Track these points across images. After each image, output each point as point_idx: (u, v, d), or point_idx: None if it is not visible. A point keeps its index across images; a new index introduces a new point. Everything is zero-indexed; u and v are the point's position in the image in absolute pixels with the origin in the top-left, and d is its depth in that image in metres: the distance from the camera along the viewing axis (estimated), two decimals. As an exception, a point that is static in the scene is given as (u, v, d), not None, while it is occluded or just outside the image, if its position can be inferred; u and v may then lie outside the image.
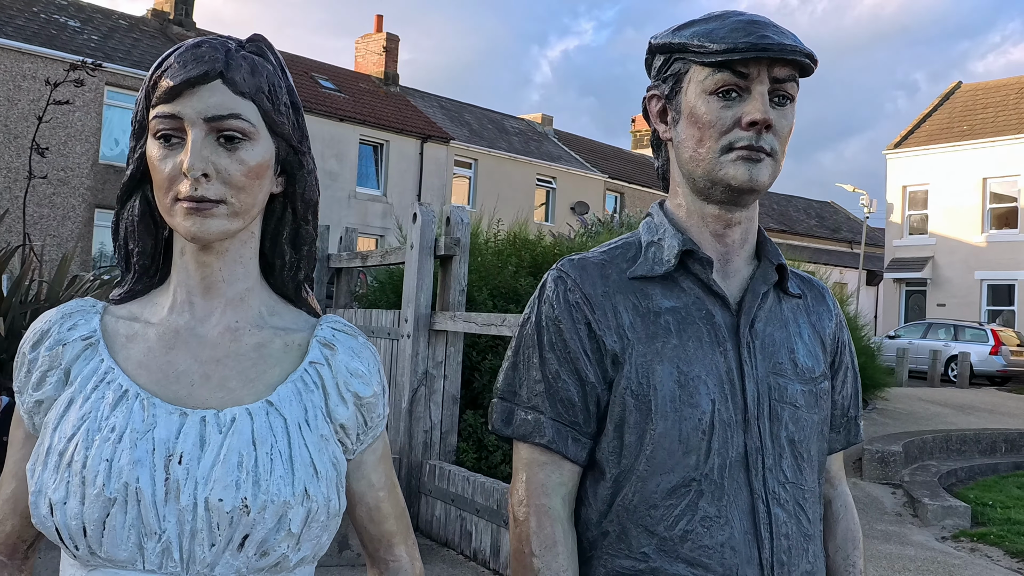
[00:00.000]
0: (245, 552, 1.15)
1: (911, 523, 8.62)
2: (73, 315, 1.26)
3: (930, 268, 31.36)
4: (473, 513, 6.53)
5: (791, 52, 1.38)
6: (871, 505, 9.17)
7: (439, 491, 6.94)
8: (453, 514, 6.77)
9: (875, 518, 8.68)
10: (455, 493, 6.76)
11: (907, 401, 16.46)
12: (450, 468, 6.96)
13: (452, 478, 6.85)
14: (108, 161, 22.87)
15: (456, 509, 6.74)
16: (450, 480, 6.86)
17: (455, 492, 6.77)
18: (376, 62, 33.11)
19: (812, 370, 1.50)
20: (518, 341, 1.49)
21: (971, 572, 6.96)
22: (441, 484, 6.94)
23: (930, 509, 8.63)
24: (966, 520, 8.57)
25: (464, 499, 6.64)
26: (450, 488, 6.84)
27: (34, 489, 1.17)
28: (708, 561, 1.36)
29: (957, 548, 7.86)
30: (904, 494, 9.49)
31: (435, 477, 7.03)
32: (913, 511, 8.95)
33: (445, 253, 7.33)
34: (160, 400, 1.19)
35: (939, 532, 8.35)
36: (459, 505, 6.70)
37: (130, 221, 1.30)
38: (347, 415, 1.28)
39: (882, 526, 8.38)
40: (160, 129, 1.20)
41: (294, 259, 1.34)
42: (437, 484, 6.98)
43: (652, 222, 1.53)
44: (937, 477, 10.11)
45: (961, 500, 9.22)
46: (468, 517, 6.59)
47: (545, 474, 1.43)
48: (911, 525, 8.54)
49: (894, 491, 9.70)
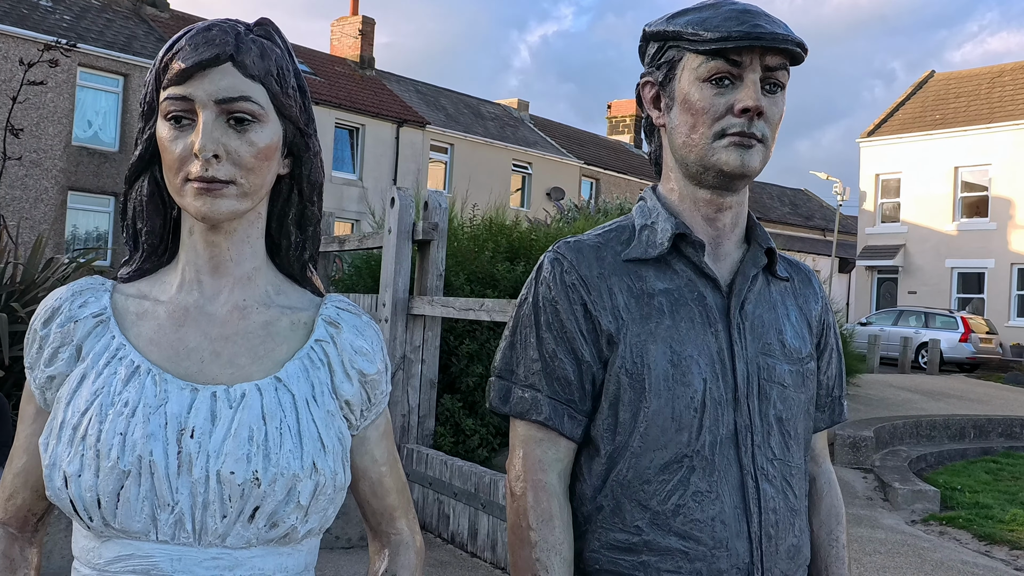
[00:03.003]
0: (255, 523, 1.19)
1: (882, 507, 8.75)
2: (83, 292, 1.29)
3: (902, 256, 31.66)
4: (451, 496, 6.57)
5: (783, 41, 1.42)
6: (843, 489, 9.29)
7: (417, 475, 6.97)
8: (431, 497, 6.81)
9: (846, 502, 8.78)
10: (432, 477, 6.80)
11: (878, 387, 16.64)
12: (428, 452, 6.99)
13: (430, 462, 6.88)
14: (81, 143, 22.67)
15: (434, 492, 6.77)
16: (428, 464, 6.90)
17: (432, 476, 6.80)
18: (352, 45, 32.94)
19: (799, 351, 1.55)
20: (515, 321, 1.52)
21: (940, 555, 7.08)
22: (419, 468, 6.98)
23: (900, 493, 8.75)
24: (935, 504, 8.70)
25: (441, 483, 6.68)
26: (428, 472, 6.87)
27: (48, 462, 1.19)
28: (699, 534, 1.41)
29: (926, 531, 7.98)
30: (875, 478, 9.63)
31: (412, 461, 7.07)
32: (884, 495, 9.08)
33: (423, 238, 7.34)
34: (171, 376, 1.22)
35: (909, 516, 8.48)
36: (436, 489, 6.73)
37: (138, 201, 1.32)
38: (352, 392, 1.31)
39: (853, 510, 8.50)
40: (171, 110, 1.22)
41: (299, 239, 1.37)
42: (415, 468, 7.02)
43: (645, 206, 1.57)
44: (907, 462, 10.25)
45: (930, 484, 9.37)
46: (446, 500, 6.64)
47: (542, 450, 1.47)
48: (882, 509, 8.67)
49: (865, 476, 9.83)
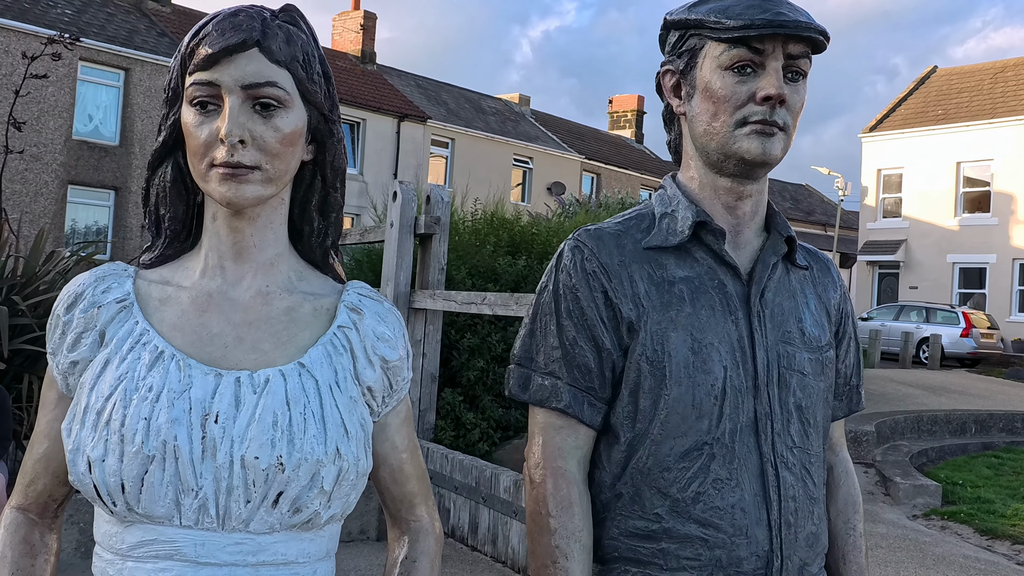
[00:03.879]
0: (279, 509, 1.18)
1: (883, 501, 8.74)
2: (106, 278, 1.28)
3: (903, 251, 31.64)
4: (451, 490, 6.57)
5: (806, 29, 1.41)
6: (844, 484, 9.30)
7: (418, 468, 6.98)
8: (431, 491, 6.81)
9: (848, 497, 8.80)
10: (433, 470, 6.80)
11: (879, 382, 16.63)
12: (428, 446, 6.99)
13: (430, 456, 6.88)
14: (82, 137, 22.66)
15: (434, 486, 6.77)
16: (428, 457, 6.90)
17: (433, 469, 6.80)
18: (353, 40, 32.91)
19: (818, 339, 1.54)
20: (535, 309, 1.52)
21: (941, 549, 7.08)
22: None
23: (901, 488, 8.76)
24: (937, 499, 8.71)
25: (442, 476, 6.68)
26: (428, 466, 6.87)
27: (72, 447, 1.19)
28: (719, 522, 1.41)
29: (928, 526, 7.98)
30: (876, 473, 9.63)
31: (414, 455, 7.06)
32: (885, 490, 9.08)
33: (425, 232, 7.33)
34: (195, 361, 1.22)
35: (910, 510, 8.48)
36: (437, 482, 6.74)
37: (161, 187, 1.32)
38: (374, 378, 1.31)
39: (854, 504, 8.50)
40: (197, 96, 1.22)
41: (322, 226, 1.36)
42: (416, 461, 7.02)
43: (665, 194, 1.56)
44: (908, 457, 10.26)
45: (932, 479, 9.37)
46: (446, 494, 6.63)
47: (561, 438, 1.47)
48: (883, 503, 8.66)
49: (866, 470, 9.83)
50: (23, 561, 1.28)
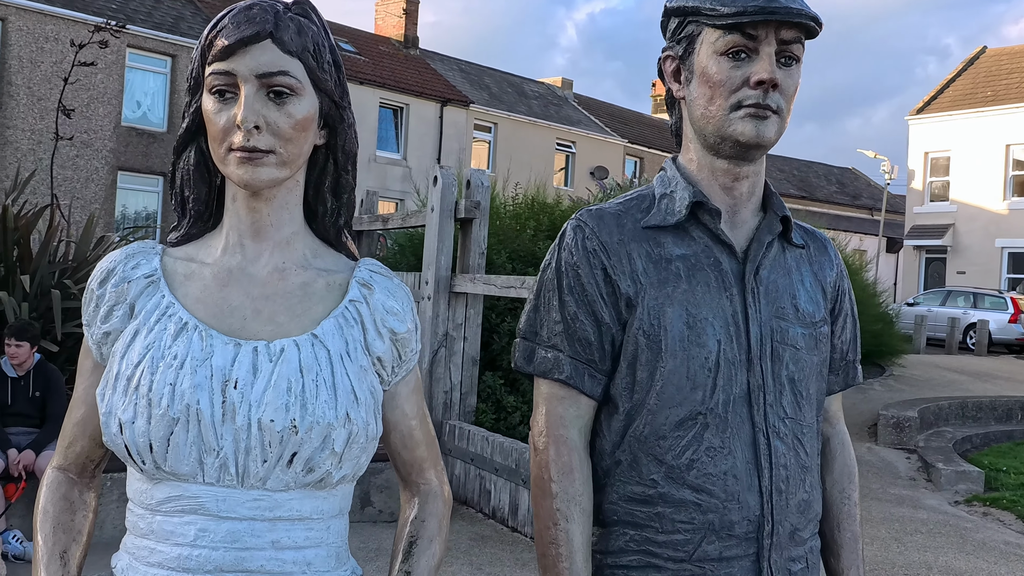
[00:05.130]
0: (294, 468, 1.29)
1: (924, 487, 8.70)
2: (136, 255, 1.40)
3: (951, 235, 31.20)
4: (492, 472, 6.65)
5: (797, 15, 1.47)
6: (885, 470, 9.26)
7: (459, 451, 7.06)
8: (472, 473, 6.90)
9: (888, 482, 8.76)
10: (474, 453, 6.88)
11: (924, 368, 16.49)
12: (469, 428, 7.07)
13: (471, 438, 6.97)
14: (130, 123, 22.99)
15: (475, 468, 6.86)
16: (469, 440, 6.98)
17: (474, 452, 6.89)
18: (396, 24, 33.01)
19: (812, 315, 1.61)
20: (539, 285, 1.60)
21: (982, 536, 7.05)
22: (460, 444, 7.06)
23: (943, 474, 8.71)
24: (979, 485, 8.65)
25: (483, 459, 6.76)
26: (469, 448, 6.96)
27: (105, 411, 1.30)
28: (712, 487, 1.49)
29: (969, 512, 7.94)
30: (918, 459, 9.58)
31: (455, 437, 7.15)
32: (927, 476, 9.03)
33: (465, 216, 7.39)
34: (216, 332, 1.32)
35: (952, 496, 8.44)
36: (478, 464, 6.82)
37: (185, 170, 1.42)
38: (383, 349, 1.40)
39: (895, 490, 8.47)
40: (215, 85, 1.32)
41: (335, 206, 1.46)
42: (457, 444, 7.11)
43: (665, 175, 1.64)
44: (952, 443, 10.18)
45: (975, 466, 9.28)
46: (487, 476, 6.72)
47: (563, 407, 1.55)
48: (924, 489, 8.63)
49: (908, 456, 9.78)
50: (63, 516, 1.39)
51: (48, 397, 5.87)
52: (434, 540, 1.46)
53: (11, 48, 20.95)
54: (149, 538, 1.30)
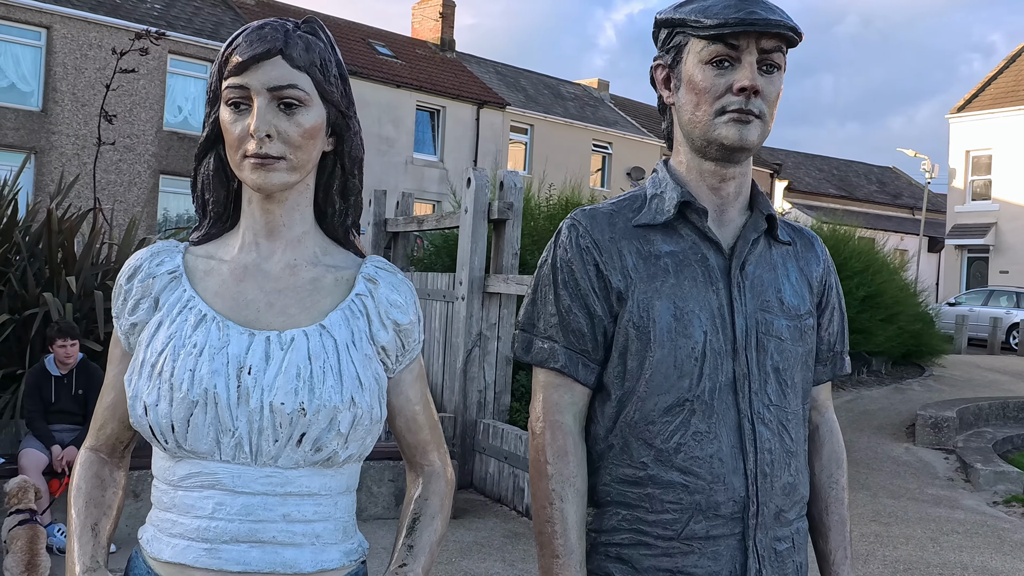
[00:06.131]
0: (303, 448, 1.40)
1: (963, 488, 8.63)
2: (160, 253, 1.53)
3: (993, 234, 30.80)
4: (525, 470, 6.71)
5: (776, 26, 1.56)
6: (922, 470, 9.20)
7: (493, 449, 7.13)
8: (506, 471, 6.96)
9: (926, 482, 8.70)
10: (508, 451, 6.94)
11: (965, 368, 16.32)
12: (503, 427, 7.14)
13: (505, 436, 7.03)
14: (172, 128, 23.32)
15: (509, 466, 6.92)
16: (503, 438, 7.05)
17: (508, 450, 6.95)
18: (432, 28, 33.17)
19: (797, 308, 1.69)
20: (536, 280, 1.70)
21: (1020, 536, 6.99)
22: (495, 442, 7.13)
23: (982, 474, 8.63)
24: (1018, 486, 8.55)
25: (516, 457, 6.82)
26: (503, 446, 7.02)
27: (131, 395, 1.42)
28: (698, 470, 1.58)
29: (1008, 513, 7.87)
30: (956, 459, 9.50)
31: (489, 436, 7.22)
32: (965, 476, 8.96)
33: (498, 217, 7.46)
34: (233, 323, 1.45)
35: (990, 497, 8.36)
36: (512, 463, 6.88)
37: (206, 175, 1.55)
38: (387, 339, 1.52)
39: (932, 490, 8.42)
40: (231, 97, 1.44)
41: (343, 207, 1.58)
42: (491, 442, 7.17)
43: (656, 177, 1.73)
44: (992, 443, 10.07)
45: (1015, 466, 9.18)
46: (520, 474, 6.78)
47: (559, 395, 1.65)
48: (962, 490, 8.55)
49: (947, 456, 9.70)
50: (95, 492, 1.52)
51: (90, 395, 6.01)
52: (436, 517, 1.57)
53: (56, 55, 21.35)
54: (171, 511, 1.43)
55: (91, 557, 1.44)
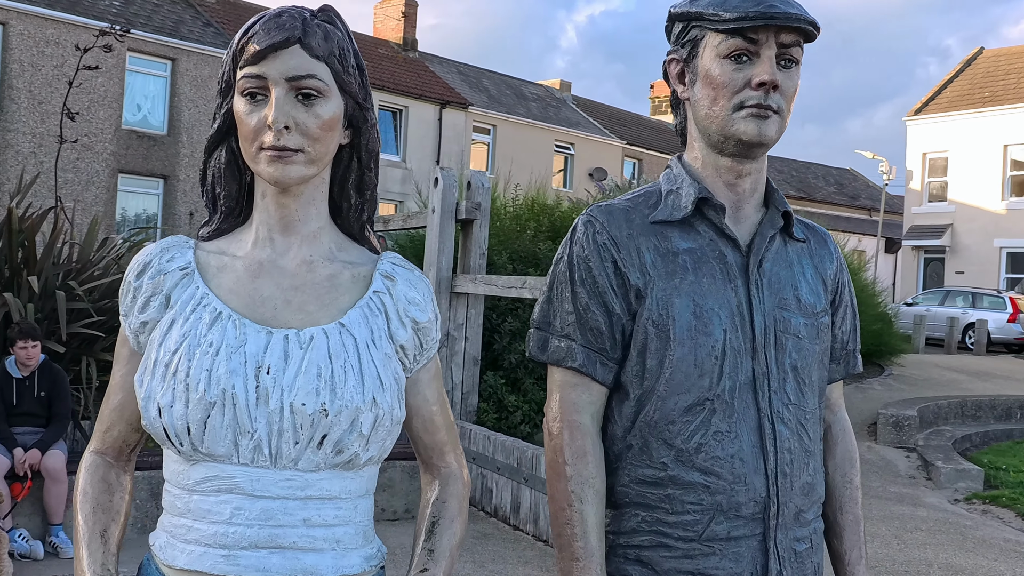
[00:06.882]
0: (323, 449, 1.35)
1: (924, 486, 8.74)
2: (170, 249, 1.47)
3: (949, 235, 31.25)
4: (494, 471, 6.70)
5: (796, 20, 1.54)
6: (885, 468, 9.30)
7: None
8: (474, 472, 6.94)
9: (889, 480, 8.81)
10: (476, 452, 6.93)
11: (924, 367, 16.52)
12: (471, 427, 7.12)
13: (473, 437, 7.01)
14: (131, 127, 23.01)
15: (477, 467, 6.91)
16: (471, 439, 7.03)
17: (476, 451, 6.93)
18: (395, 27, 33.03)
19: (814, 306, 1.67)
20: (552, 278, 1.67)
21: (982, 533, 7.09)
22: (462, 443, 7.11)
23: (943, 472, 8.75)
24: (979, 483, 8.68)
25: (485, 457, 6.81)
26: (471, 447, 7.00)
27: (144, 396, 1.36)
28: (720, 470, 1.55)
29: (969, 510, 7.98)
30: (918, 458, 9.61)
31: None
32: (927, 474, 9.07)
33: (466, 217, 7.44)
34: (249, 321, 1.39)
35: (952, 494, 8.47)
36: (480, 463, 6.86)
37: (216, 168, 1.49)
38: (406, 337, 1.48)
39: (895, 488, 8.51)
40: (247, 88, 1.39)
41: (359, 202, 1.53)
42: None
43: (671, 173, 1.70)
44: (952, 441, 10.21)
45: (975, 464, 9.32)
46: (489, 475, 6.76)
47: (576, 394, 1.61)
48: (924, 487, 8.67)
49: (908, 455, 9.82)
50: (102, 497, 1.46)
51: (53, 396, 5.92)
52: (455, 520, 1.52)
53: (12, 52, 20.98)
54: (186, 516, 1.37)
55: (101, 565, 1.38)
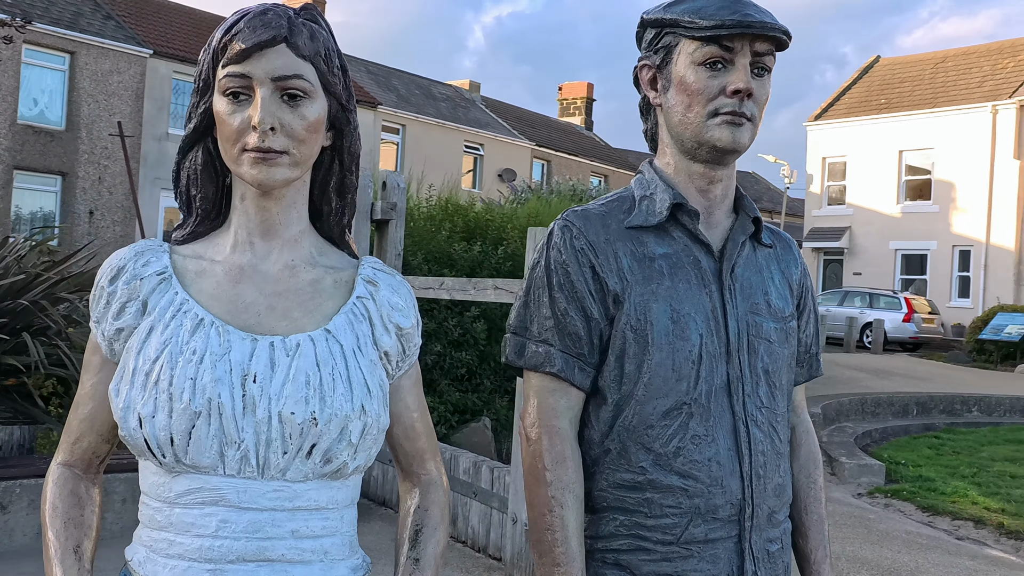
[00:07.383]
0: (312, 459, 1.32)
1: (829, 480, 8.97)
2: (145, 253, 1.40)
3: (847, 238, 32.20)
4: (411, 472, 6.66)
5: (771, 29, 1.56)
6: (791, 464, 9.54)
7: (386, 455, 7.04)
8: (390, 474, 6.89)
9: (795, 476, 9.03)
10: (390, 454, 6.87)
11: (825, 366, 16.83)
12: (387, 429, 7.05)
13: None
14: (27, 121, 22.25)
15: (392, 469, 6.85)
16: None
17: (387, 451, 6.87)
18: (302, 25, 32.58)
19: (782, 310, 1.70)
20: (528, 283, 1.66)
21: (886, 526, 7.31)
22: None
23: (847, 467, 9.00)
24: (880, 477, 8.96)
25: (401, 459, 6.76)
26: (385, 449, 6.93)
27: (122, 406, 1.30)
28: (697, 473, 1.57)
29: (872, 504, 8.22)
30: (823, 453, 9.88)
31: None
32: (831, 469, 9.32)
33: (381, 217, 7.35)
34: (233, 327, 1.34)
35: (855, 489, 8.73)
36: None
37: (192, 169, 1.44)
38: (390, 343, 1.45)
39: (802, 484, 8.72)
40: (230, 87, 1.34)
41: (339, 206, 1.49)
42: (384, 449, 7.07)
43: (643, 178, 1.71)
44: (853, 438, 10.53)
45: (876, 459, 9.62)
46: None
47: (555, 399, 1.61)
48: (829, 482, 8.90)
49: (813, 451, 10.07)
50: (73, 511, 1.39)
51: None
52: (438, 528, 1.50)
53: (-102, 42, 20.12)
54: (168, 530, 1.31)
55: None
